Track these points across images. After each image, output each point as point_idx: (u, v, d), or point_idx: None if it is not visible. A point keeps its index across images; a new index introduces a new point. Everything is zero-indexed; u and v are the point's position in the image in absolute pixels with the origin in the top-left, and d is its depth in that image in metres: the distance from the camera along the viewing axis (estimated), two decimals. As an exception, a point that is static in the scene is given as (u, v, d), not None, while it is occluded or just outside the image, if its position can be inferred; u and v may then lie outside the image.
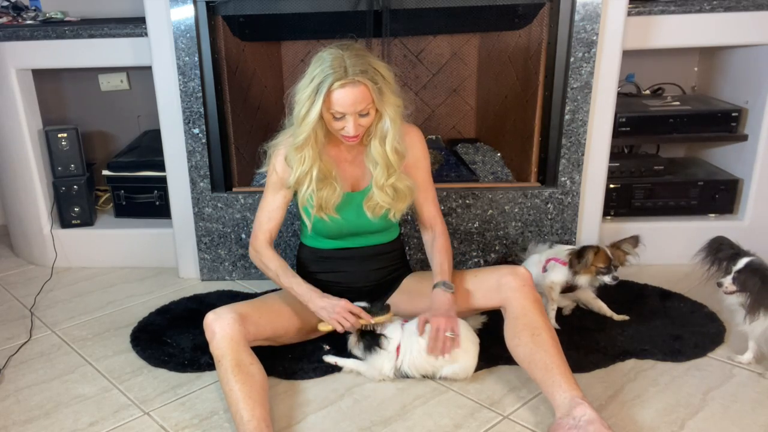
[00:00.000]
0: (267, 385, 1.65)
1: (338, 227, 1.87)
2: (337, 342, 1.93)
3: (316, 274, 1.97)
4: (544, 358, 1.62)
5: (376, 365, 1.80)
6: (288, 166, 1.83)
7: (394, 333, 1.80)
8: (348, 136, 1.73)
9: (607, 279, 1.99)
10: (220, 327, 1.66)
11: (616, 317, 2.11)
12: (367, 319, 1.78)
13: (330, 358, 1.88)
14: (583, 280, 2.02)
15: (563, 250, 2.07)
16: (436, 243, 1.93)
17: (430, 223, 1.96)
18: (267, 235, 1.90)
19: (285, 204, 1.90)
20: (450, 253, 1.92)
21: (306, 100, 1.68)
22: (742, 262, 1.74)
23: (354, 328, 1.78)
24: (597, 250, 1.98)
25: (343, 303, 1.78)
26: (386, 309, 1.81)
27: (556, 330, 2.01)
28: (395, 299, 1.95)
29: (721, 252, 1.80)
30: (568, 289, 2.09)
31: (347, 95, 1.65)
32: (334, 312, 1.77)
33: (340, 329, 1.78)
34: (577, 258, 1.99)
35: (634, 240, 2.02)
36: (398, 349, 1.79)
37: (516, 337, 1.69)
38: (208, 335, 1.68)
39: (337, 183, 1.82)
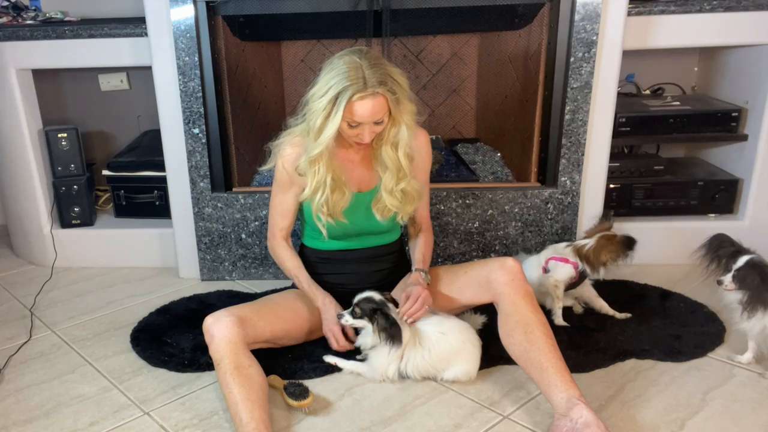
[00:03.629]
0: (266, 387, 1.65)
1: (345, 228, 1.88)
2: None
3: (317, 275, 1.97)
4: (539, 357, 1.61)
5: (379, 367, 1.79)
6: (297, 173, 1.83)
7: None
8: (362, 143, 1.74)
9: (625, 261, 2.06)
10: (219, 330, 1.66)
11: (619, 315, 2.11)
12: (351, 338, 1.87)
13: (330, 359, 1.88)
14: (601, 268, 2.06)
15: (561, 247, 2.08)
16: (422, 235, 2.00)
17: (419, 221, 2.02)
18: (283, 233, 1.95)
19: (296, 203, 1.92)
20: (432, 248, 2.01)
21: (322, 110, 1.66)
22: (742, 260, 1.74)
23: (343, 348, 1.87)
24: (609, 238, 2.05)
25: (329, 324, 1.87)
26: (306, 393, 1.71)
27: (565, 328, 2.02)
28: (397, 297, 1.96)
29: (721, 249, 1.79)
30: (570, 286, 2.09)
31: (366, 107, 1.64)
32: (329, 330, 1.87)
33: (332, 346, 1.88)
34: (603, 250, 2.04)
35: (606, 215, 2.14)
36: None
37: (509, 335, 1.69)
38: (207, 338, 1.68)
39: (347, 187, 1.83)
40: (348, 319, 1.80)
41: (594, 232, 2.09)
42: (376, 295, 1.78)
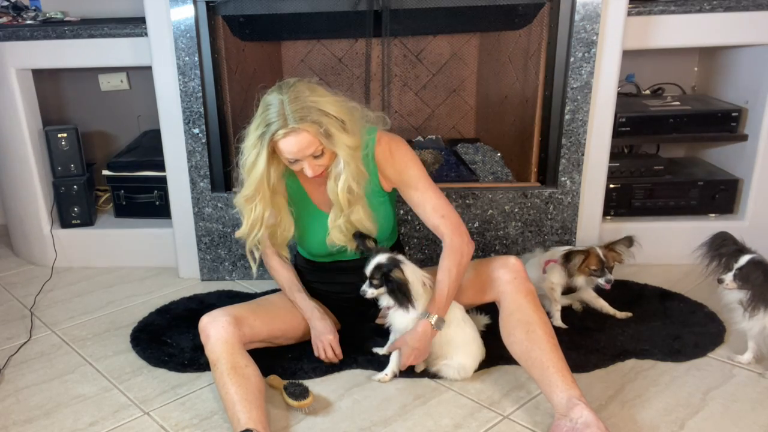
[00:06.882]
0: (263, 387, 1.65)
1: (326, 249, 1.84)
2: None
3: (312, 283, 1.97)
4: (540, 356, 1.61)
5: (402, 322, 1.76)
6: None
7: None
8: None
9: (600, 281, 2.00)
10: (215, 330, 1.66)
11: (619, 315, 2.11)
12: (339, 356, 1.86)
13: (378, 350, 1.92)
14: (579, 281, 2.03)
15: (559, 251, 2.08)
16: (442, 262, 1.72)
17: (435, 231, 1.77)
18: (274, 248, 1.91)
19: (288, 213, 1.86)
20: (455, 276, 1.70)
21: (252, 148, 1.64)
22: (743, 259, 1.73)
23: (331, 361, 1.87)
24: (587, 253, 1.99)
25: (330, 337, 1.84)
26: (306, 393, 1.70)
27: (564, 329, 2.02)
28: None
29: (723, 248, 1.78)
30: (570, 289, 2.09)
31: (291, 144, 1.59)
32: (318, 340, 1.85)
33: (320, 355, 1.87)
34: (565, 261, 2.00)
35: (628, 240, 2.01)
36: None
37: (511, 334, 1.69)
38: (202, 338, 1.68)
39: (287, 218, 1.80)
40: (372, 292, 1.73)
41: (602, 245, 2.05)
42: (383, 258, 1.70)
